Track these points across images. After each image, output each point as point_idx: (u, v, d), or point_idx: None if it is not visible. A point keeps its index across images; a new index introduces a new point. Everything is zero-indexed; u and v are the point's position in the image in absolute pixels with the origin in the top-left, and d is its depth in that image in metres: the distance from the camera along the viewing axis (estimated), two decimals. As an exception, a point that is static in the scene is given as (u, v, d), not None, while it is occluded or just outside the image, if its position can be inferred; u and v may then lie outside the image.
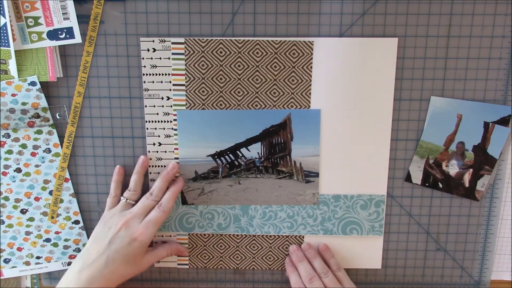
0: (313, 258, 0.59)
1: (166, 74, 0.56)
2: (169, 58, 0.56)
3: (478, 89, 0.56)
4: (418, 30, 0.55)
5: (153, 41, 0.55)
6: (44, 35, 0.54)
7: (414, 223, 0.61)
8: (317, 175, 0.59)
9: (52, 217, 0.60)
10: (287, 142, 0.58)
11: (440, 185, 0.59)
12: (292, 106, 0.57)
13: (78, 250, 0.62)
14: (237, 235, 0.62)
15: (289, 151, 0.59)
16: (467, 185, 0.59)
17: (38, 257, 0.62)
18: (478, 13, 0.54)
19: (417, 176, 0.59)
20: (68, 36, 0.54)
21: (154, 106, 0.57)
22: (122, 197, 0.57)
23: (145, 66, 0.56)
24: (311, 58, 0.55)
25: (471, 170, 0.58)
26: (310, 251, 0.60)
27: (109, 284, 0.53)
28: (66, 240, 0.62)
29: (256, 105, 0.57)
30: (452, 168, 0.58)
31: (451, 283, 0.63)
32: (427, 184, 0.59)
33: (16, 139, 0.58)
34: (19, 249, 0.62)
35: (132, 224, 0.54)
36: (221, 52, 0.56)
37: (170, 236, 0.62)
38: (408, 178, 0.60)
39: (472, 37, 0.55)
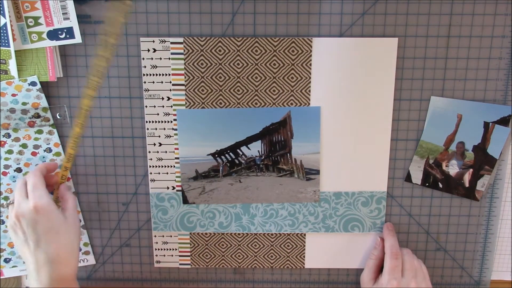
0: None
1: (166, 75, 0.56)
2: (169, 59, 0.56)
3: (478, 89, 0.56)
4: (418, 30, 0.55)
5: (153, 41, 0.55)
6: (44, 35, 0.54)
7: (414, 223, 0.61)
8: (318, 172, 0.59)
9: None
10: (287, 140, 0.59)
11: (440, 185, 0.59)
12: (292, 104, 0.57)
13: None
14: (239, 234, 0.62)
15: (290, 149, 0.59)
16: (467, 185, 0.59)
17: (38, 257, 0.62)
18: (478, 13, 0.54)
19: (417, 176, 0.59)
20: (68, 36, 0.54)
21: (155, 106, 0.57)
22: (4, 204, 0.57)
23: (145, 66, 0.56)
24: (310, 56, 0.55)
25: (471, 170, 0.58)
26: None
27: (70, 261, 0.51)
28: (66, 239, 0.62)
29: (256, 103, 0.57)
30: (452, 168, 0.58)
31: (451, 283, 0.63)
32: (427, 184, 0.59)
33: (17, 139, 0.58)
34: (20, 248, 0.62)
35: (21, 208, 0.50)
36: (220, 50, 0.56)
37: (171, 236, 0.62)
38: (408, 178, 0.60)
39: (472, 37, 0.55)
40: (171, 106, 0.57)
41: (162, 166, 0.59)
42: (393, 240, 0.58)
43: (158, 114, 0.58)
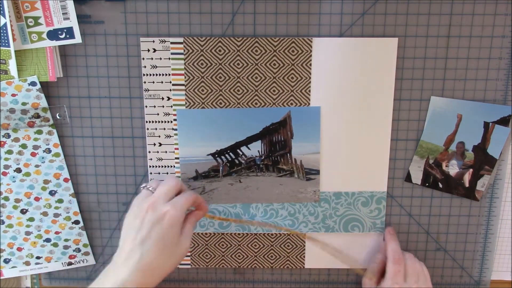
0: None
1: (166, 75, 0.56)
2: (169, 59, 0.56)
3: (478, 89, 0.56)
4: (418, 30, 0.55)
5: (153, 41, 0.55)
6: (44, 35, 0.53)
7: (414, 223, 0.61)
8: (318, 172, 0.59)
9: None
10: (287, 140, 0.59)
11: (440, 185, 0.59)
12: (292, 104, 0.57)
13: (78, 250, 0.62)
14: (239, 234, 0.62)
15: (290, 149, 0.59)
16: (467, 185, 0.59)
17: (38, 257, 0.62)
18: (478, 13, 0.54)
19: (417, 176, 0.59)
20: (68, 36, 0.54)
21: (155, 106, 0.57)
22: (141, 186, 0.54)
23: (145, 67, 0.56)
24: (310, 56, 0.55)
25: (471, 170, 0.58)
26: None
27: (149, 280, 0.47)
28: (66, 240, 0.62)
29: (256, 103, 0.57)
30: (452, 168, 0.58)
31: (451, 283, 0.64)
32: (427, 184, 0.60)
33: (16, 139, 0.58)
34: (19, 249, 0.62)
35: (158, 205, 0.49)
36: (220, 50, 0.56)
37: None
38: (408, 178, 0.60)
39: (472, 37, 0.55)
40: (171, 106, 0.57)
41: (162, 166, 0.59)
42: (395, 245, 0.58)
43: (158, 114, 0.58)
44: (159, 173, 0.59)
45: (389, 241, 0.59)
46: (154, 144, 0.59)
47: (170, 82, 0.57)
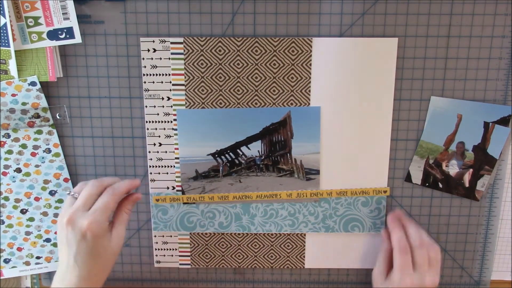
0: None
1: (166, 75, 0.56)
2: (169, 59, 0.56)
3: (478, 89, 0.56)
4: (418, 30, 0.55)
5: (153, 41, 0.55)
6: (44, 35, 0.53)
7: (414, 223, 0.61)
8: (317, 172, 0.59)
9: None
10: (287, 140, 0.59)
11: (440, 185, 0.59)
12: (292, 104, 0.57)
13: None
14: (239, 234, 0.62)
15: (290, 149, 0.59)
16: (467, 185, 0.59)
17: (38, 257, 0.62)
18: (478, 13, 0.54)
19: (417, 176, 0.59)
20: (68, 36, 0.54)
21: (155, 106, 0.57)
22: (66, 193, 0.54)
23: (145, 67, 0.56)
24: (310, 56, 0.55)
25: (471, 170, 0.58)
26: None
27: (96, 283, 0.51)
28: (66, 240, 0.62)
29: (256, 103, 0.57)
30: (452, 168, 0.58)
31: (451, 283, 0.64)
32: (427, 184, 0.60)
33: (16, 139, 0.58)
34: (19, 249, 0.62)
35: (76, 219, 0.49)
36: (220, 50, 0.56)
37: (171, 236, 0.62)
38: (408, 178, 0.60)
39: (472, 37, 0.55)
40: (171, 106, 0.57)
41: (162, 166, 0.59)
42: (399, 233, 0.54)
43: (158, 114, 0.58)
44: (159, 173, 0.59)
45: (394, 230, 0.55)
46: (154, 144, 0.59)
47: (170, 82, 0.57)
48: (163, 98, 0.57)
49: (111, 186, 0.52)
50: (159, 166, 0.59)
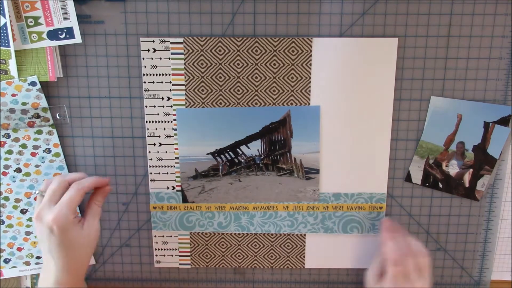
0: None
1: (166, 75, 0.56)
2: (169, 59, 0.56)
3: (478, 89, 0.56)
4: (418, 30, 0.55)
5: (153, 41, 0.55)
6: (44, 35, 0.54)
7: (414, 223, 0.61)
8: (317, 171, 0.59)
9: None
10: (287, 139, 0.59)
11: (440, 185, 0.59)
12: (291, 103, 0.57)
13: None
14: (239, 234, 0.62)
15: (289, 148, 0.59)
16: (467, 185, 0.59)
17: (38, 257, 0.62)
18: (478, 13, 0.54)
19: (417, 176, 0.59)
20: (68, 36, 0.54)
21: (155, 106, 0.57)
22: (36, 192, 0.55)
23: (145, 67, 0.56)
24: (310, 55, 0.55)
25: (471, 170, 0.58)
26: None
27: (77, 271, 0.52)
28: (66, 240, 0.62)
29: (256, 103, 0.57)
30: (452, 168, 0.58)
31: (451, 283, 0.64)
32: (427, 184, 0.60)
33: (16, 139, 0.58)
34: (19, 249, 0.62)
35: (43, 214, 0.50)
36: (220, 50, 0.56)
37: (171, 236, 0.62)
38: (408, 178, 0.60)
39: (472, 37, 0.55)
40: (171, 106, 0.57)
41: (162, 166, 0.59)
42: (391, 244, 0.55)
43: (158, 114, 0.58)
44: (159, 173, 0.59)
45: (386, 240, 0.56)
46: (154, 144, 0.59)
47: (170, 82, 0.57)
48: (163, 98, 0.57)
49: (77, 181, 0.53)
50: (159, 166, 0.59)
